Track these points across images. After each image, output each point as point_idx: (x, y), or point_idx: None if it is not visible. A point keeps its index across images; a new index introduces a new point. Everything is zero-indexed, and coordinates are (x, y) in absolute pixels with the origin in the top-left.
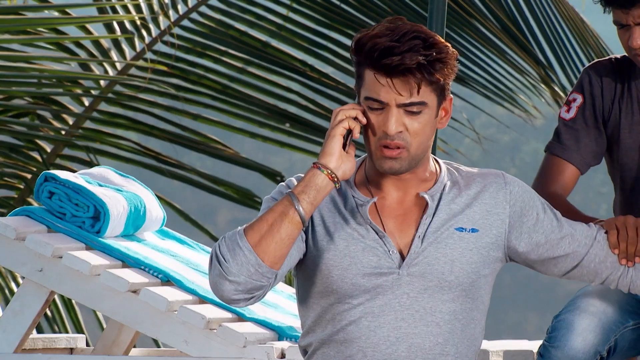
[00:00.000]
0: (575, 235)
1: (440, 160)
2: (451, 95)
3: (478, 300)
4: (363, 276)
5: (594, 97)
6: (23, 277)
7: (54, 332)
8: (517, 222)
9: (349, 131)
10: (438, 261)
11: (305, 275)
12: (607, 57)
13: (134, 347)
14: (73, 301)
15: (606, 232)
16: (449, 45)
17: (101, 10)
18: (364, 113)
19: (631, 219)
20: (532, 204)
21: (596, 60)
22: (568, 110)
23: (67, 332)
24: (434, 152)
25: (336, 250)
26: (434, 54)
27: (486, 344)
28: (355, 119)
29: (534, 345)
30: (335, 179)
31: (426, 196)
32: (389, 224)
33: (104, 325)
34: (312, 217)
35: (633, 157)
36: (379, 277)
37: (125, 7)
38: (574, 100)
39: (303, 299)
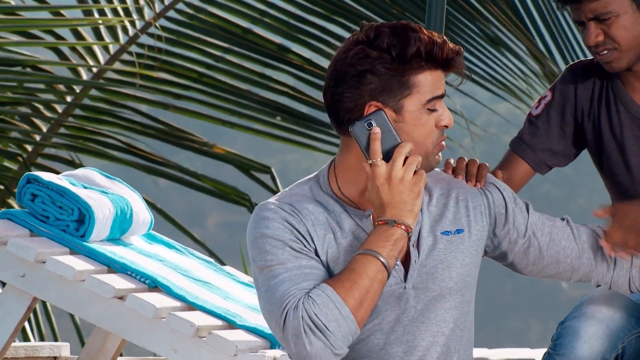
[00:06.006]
0: (553, 227)
1: None
2: None
3: (470, 302)
4: None
5: (565, 96)
6: (4, 283)
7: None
8: (496, 214)
9: None
10: (436, 269)
11: None
12: (591, 58)
13: (120, 355)
14: (49, 308)
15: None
16: None
17: (87, 11)
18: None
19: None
20: (505, 195)
21: (579, 60)
22: (537, 107)
23: (42, 340)
24: None
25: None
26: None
27: (487, 353)
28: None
29: (537, 354)
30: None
31: None
32: None
33: (83, 332)
34: (319, 255)
35: (617, 159)
36: (386, 293)
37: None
38: (544, 97)
39: None
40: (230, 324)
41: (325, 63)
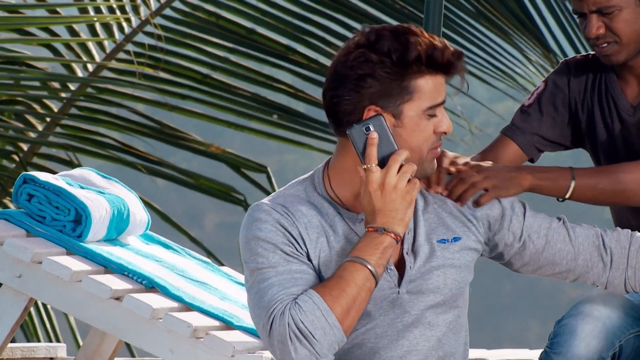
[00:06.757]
0: (549, 229)
1: None
2: None
3: (462, 306)
4: None
5: (558, 88)
6: (0, 284)
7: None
8: (491, 220)
9: None
10: (432, 275)
11: None
12: (585, 53)
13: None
14: (49, 309)
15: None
16: None
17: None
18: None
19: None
20: (502, 200)
21: (574, 55)
22: (529, 98)
23: (39, 340)
24: None
25: None
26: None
27: (486, 353)
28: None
29: (536, 355)
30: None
31: None
32: None
33: (78, 334)
34: (310, 259)
35: (608, 150)
36: (379, 298)
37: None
38: (537, 88)
39: None
40: (228, 325)
41: (326, 61)
